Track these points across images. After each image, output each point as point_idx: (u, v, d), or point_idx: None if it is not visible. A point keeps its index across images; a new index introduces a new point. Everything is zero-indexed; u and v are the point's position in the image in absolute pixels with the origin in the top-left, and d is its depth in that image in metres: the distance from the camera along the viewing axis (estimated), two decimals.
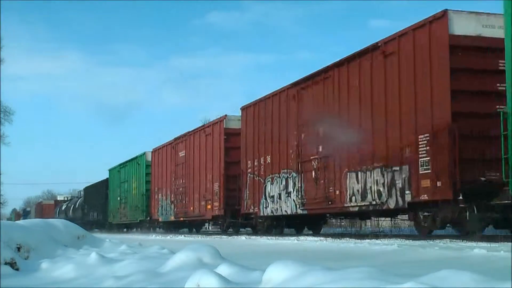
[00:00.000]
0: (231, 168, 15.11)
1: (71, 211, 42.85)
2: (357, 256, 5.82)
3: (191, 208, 17.53)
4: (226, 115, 15.52)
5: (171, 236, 17.37)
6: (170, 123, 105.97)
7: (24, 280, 3.85)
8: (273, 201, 12.55)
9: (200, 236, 16.71)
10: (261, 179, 13.15)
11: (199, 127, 17.67)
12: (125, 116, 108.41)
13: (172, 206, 19.89)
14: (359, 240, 9.02)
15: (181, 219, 19.30)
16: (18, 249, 4.61)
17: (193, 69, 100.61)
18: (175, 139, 20.10)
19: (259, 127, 13.45)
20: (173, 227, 21.92)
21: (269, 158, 12.91)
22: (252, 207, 13.49)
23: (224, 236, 14.33)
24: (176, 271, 3.44)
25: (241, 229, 16.31)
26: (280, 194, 12.22)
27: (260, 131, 13.38)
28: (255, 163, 13.53)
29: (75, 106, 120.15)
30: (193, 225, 21.75)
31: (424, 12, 72.51)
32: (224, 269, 3.10)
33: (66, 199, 51.46)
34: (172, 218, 19.99)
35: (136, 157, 25.62)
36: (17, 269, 4.14)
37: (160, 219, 21.64)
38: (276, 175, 12.44)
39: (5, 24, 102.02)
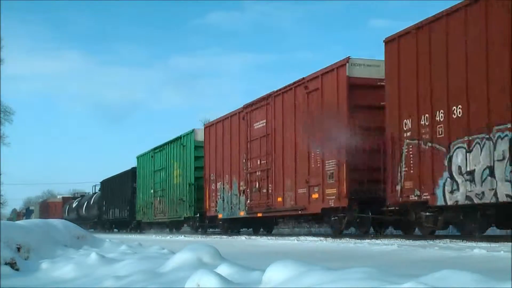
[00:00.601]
0: (359, 136, 16.47)
1: (84, 209, 53.76)
2: (357, 256, 9.08)
3: (279, 199, 20.29)
4: (349, 57, 17.01)
5: (170, 236, 24.04)
6: (170, 123, 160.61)
7: (24, 280, 6.67)
8: (471, 181, 12.69)
9: (200, 236, 22.09)
10: (439, 146, 13.52)
11: (294, 82, 19.56)
12: (125, 116, 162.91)
13: (243, 198, 23.17)
14: (359, 240, 14.22)
15: (259, 214, 22.20)
16: (18, 249, 7.77)
17: (193, 69, 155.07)
18: (246, 106, 23.11)
19: (430, 61, 13.77)
20: (240, 225, 25.85)
21: (458, 110, 13.07)
22: (417, 193, 14.06)
23: (224, 236, 19.97)
24: (176, 271, 5.87)
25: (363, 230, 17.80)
26: (491, 168, 12.18)
27: (435, 67, 13.62)
28: (423, 122, 14.00)
29: (75, 106, 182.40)
30: (268, 224, 25.39)
31: (424, 12, 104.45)
32: (224, 269, 5.35)
33: (76, 195, 64.87)
34: (242, 213, 23.25)
35: (179, 137, 30.31)
36: (17, 269, 7.16)
37: (220, 216, 25.42)
38: (481, 136, 12.45)
39: (5, 24, 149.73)
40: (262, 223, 25.49)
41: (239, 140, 23.57)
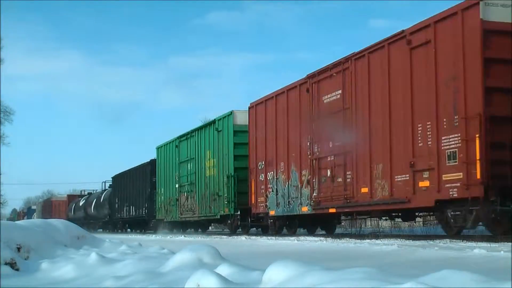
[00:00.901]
0: (498, 102, 15.62)
1: (92, 207, 59.11)
2: (357, 256, 10.86)
3: (364, 190, 19.67)
4: None
5: (171, 236, 27.13)
6: (170, 123, 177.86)
7: (24, 280, 7.98)
8: None
9: (200, 236, 23.97)
10: None
11: (387, 38, 18.74)
12: (125, 117, 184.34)
13: (306, 190, 22.75)
14: (359, 240, 17.09)
15: (332, 210, 21.47)
16: (18, 249, 9.30)
17: (193, 69, 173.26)
18: (311, 75, 22.35)
19: None
20: (297, 224, 25.77)
21: None
22: None
23: (224, 236, 22.84)
24: (176, 271, 7.00)
25: None
26: None
27: None
28: None
29: (75, 106, 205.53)
30: (329, 222, 25.68)
31: (424, 12, 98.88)
32: (224, 269, 6.40)
33: (83, 193, 70.63)
34: (306, 209, 22.84)
35: (213, 121, 31.09)
36: (17, 269, 8.51)
37: (272, 213, 25.27)
38: None
39: (5, 24, 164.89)
40: (321, 222, 25.90)
41: (300, 118, 23.05)
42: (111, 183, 57.32)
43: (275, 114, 24.95)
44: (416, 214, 20.31)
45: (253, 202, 26.55)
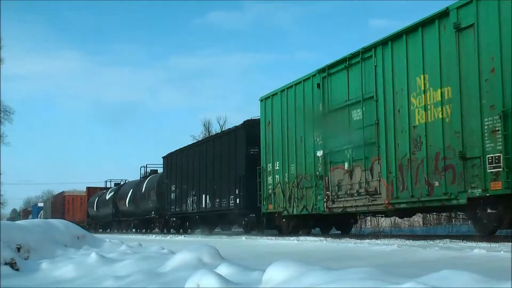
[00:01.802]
0: None
1: (127, 200, 46.31)
2: (357, 256, 10.94)
3: None
4: None
5: (171, 236, 26.48)
6: (170, 123, 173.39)
7: (24, 280, 7.96)
8: None
9: (200, 236, 24.03)
10: None
11: None
12: (124, 117, 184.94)
13: None
14: (359, 240, 17.18)
15: None
16: (18, 249, 9.33)
17: (193, 69, 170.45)
18: None
19: None
20: None
21: None
22: None
23: (224, 236, 23.22)
24: (176, 271, 7.02)
25: None
26: None
27: None
28: None
29: (75, 106, 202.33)
30: None
31: (424, 12, 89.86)
32: (224, 269, 6.41)
33: (107, 184, 60.33)
34: None
35: (444, 11, 16.28)
36: (17, 269, 8.51)
37: None
38: None
39: (5, 24, 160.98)
40: None
41: None
42: (152, 168, 45.54)
43: None
44: None
45: None
